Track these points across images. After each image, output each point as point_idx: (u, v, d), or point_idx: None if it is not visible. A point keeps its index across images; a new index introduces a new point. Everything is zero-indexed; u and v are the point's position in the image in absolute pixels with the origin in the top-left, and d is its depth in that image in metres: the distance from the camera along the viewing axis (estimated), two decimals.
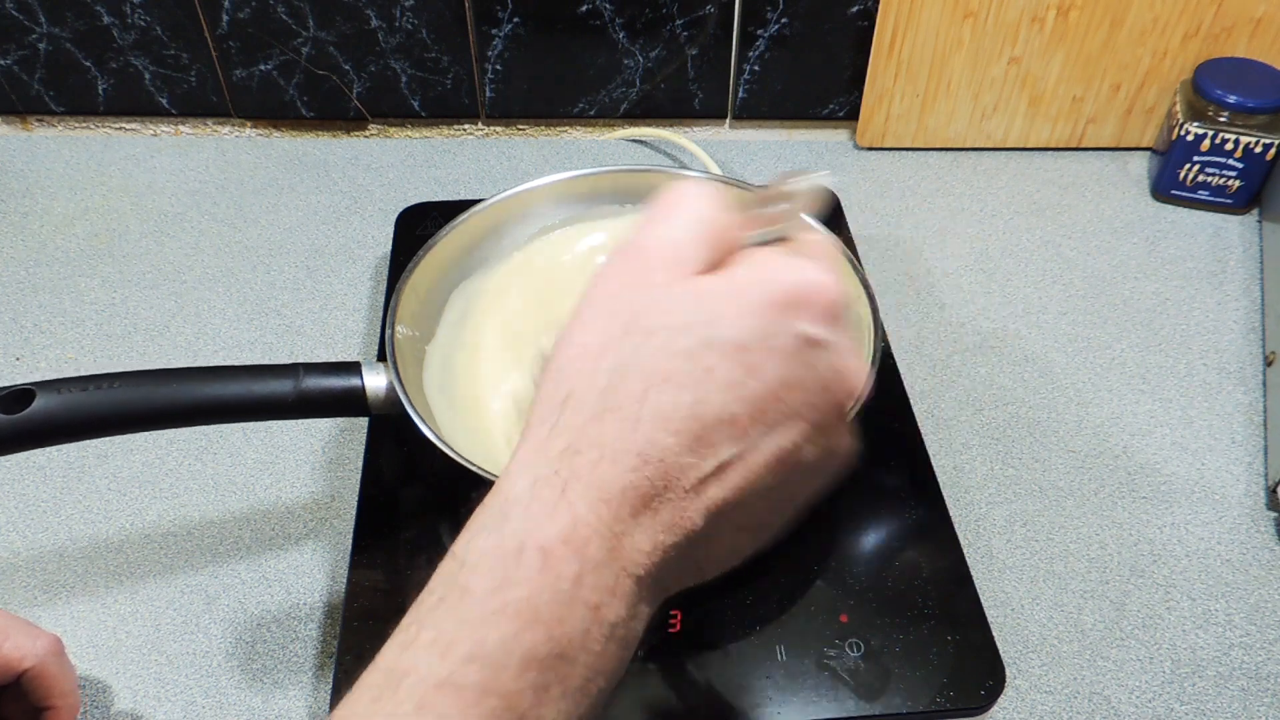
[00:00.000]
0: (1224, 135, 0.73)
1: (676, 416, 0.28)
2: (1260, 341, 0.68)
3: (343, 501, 0.57)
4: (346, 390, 0.47)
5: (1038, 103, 0.79)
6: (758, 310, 0.29)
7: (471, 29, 0.77)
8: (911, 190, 0.79)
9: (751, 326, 0.29)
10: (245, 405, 0.46)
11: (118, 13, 0.75)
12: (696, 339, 0.29)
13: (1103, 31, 0.75)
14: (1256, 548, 0.56)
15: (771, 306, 0.29)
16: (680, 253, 0.31)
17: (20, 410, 0.43)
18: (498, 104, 0.82)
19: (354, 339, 0.67)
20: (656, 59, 0.79)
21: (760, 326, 0.29)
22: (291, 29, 0.76)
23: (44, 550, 0.55)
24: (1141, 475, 0.60)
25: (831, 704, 0.46)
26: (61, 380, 0.44)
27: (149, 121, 0.83)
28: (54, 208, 0.76)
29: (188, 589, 0.53)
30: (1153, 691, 0.50)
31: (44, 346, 0.66)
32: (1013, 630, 0.52)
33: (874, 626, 0.49)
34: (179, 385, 0.45)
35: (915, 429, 0.58)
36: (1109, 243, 0.75)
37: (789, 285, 0.30)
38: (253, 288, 0.70)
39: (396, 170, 0.81)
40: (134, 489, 0.58)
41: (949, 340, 0.67)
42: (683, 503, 0.29)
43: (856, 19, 0.76)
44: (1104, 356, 0.67)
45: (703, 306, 0.30)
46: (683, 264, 0.31)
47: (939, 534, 0.53)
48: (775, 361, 0.29)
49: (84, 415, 0.44)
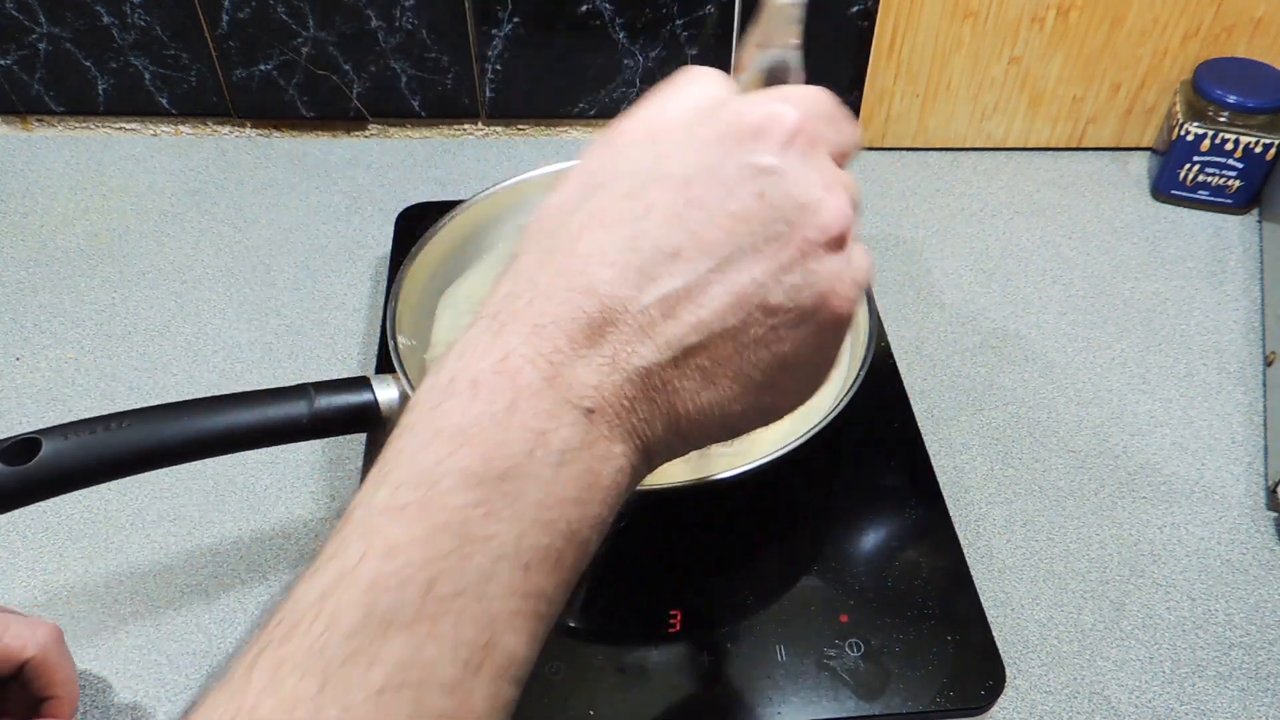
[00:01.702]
0: (1224, 135, 0.73)
1: (612, 249, 0.28)
2: (1260, 341, 0.68)
3: (343, 501, 0.57)
4: (360, 406, 0.47)
5: (1038, 103, 0.79)
6: (705, 145, 0.29)
7: (471, 29, 0.77)
8: (911, 190, 0.79)
9: (697, 161, 0.28)
10: (260, 432, 0.46)
11: (118, 13, 0.75)
12: (640, 180, 0.29)
13: (1103, 31, 0.75)
14: (1256, 548, 0.56)
15: (720, 139, 0.28)
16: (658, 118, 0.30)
17: (26, 460, 0.41)
18: (498, 104, 0.82)
19: (354, 339, 0.67)
20: (656, 59, 0.79)
21: (705, 160, 0.28)
22: (291, 29, 0.76)
23: (44, 550, 0.55)
24: (1141, 475, 0.60)
25: (831, 704, 0.46)
26: (67, 425, 0.42)
27: (149, 121, 0.83)
28: (54, 208, 0.76)
29: (188, 589, 0.53)
30: (1153, 691, 0.50)
31: (44, 346, 0.66)
32: (1013, 630, 0.52)
33: (874, 626, 0.49)
34: (190, 419, 0.44)
35: (915, 429, 0.58)
36: (1109, 243, 0.75)
37: (739, 117, 0.29)
38: (253, 288, 0.70)
39: (396, 170, 0.81)
40: (134, 489, 0.58)
41: (949, 340, 0.67)
42: (629, 337, 0.28)
43: (856, 19, 0.76)
44: (1104, 356, 0.67)
45: (651, 149, 0.29)
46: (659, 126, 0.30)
47: (939, 534, 0.53)
48: (720, 192, 0.28)
49: (94, 460, 0.42)
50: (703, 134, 0.29)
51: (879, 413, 0.59)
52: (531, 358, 0.27)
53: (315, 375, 0.50)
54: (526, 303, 0.28)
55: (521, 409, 0.26)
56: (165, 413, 0.44)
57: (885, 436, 0.58)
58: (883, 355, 0.62)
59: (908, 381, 0.62)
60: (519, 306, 0.28)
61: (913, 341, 0.67)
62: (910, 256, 0.74)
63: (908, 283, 0.71)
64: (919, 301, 0.70)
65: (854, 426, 0.48)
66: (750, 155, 0.28)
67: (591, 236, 0.28)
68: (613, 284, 0.27)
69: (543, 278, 0.28)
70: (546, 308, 0.27)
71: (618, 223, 0.28)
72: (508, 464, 0.26)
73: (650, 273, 0.28)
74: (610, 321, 0.27)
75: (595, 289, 0.27)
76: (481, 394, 0.26)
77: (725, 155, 0.28)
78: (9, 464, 0.41)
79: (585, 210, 0.29)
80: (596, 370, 0.27)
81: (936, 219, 0.77)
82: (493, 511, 0.25)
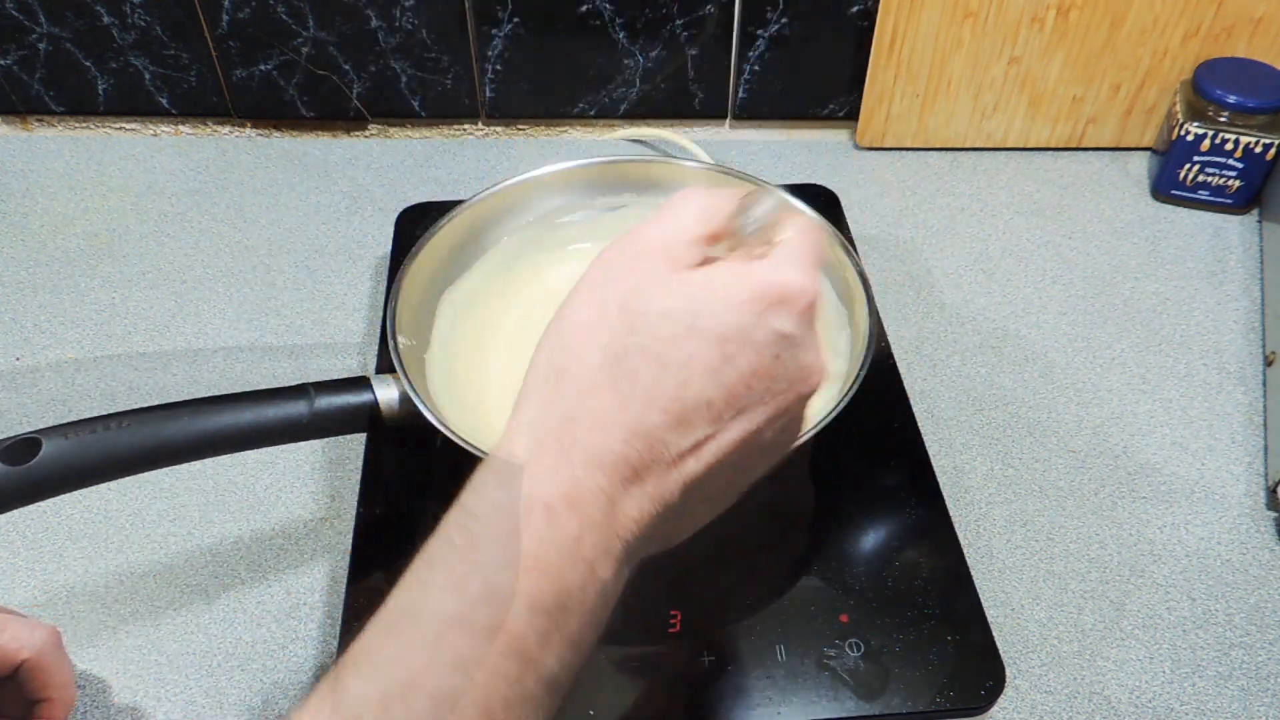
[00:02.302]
0: (1224, 135, 0.73)
1: (662, 397, 0.31)
2: (1260, 341, 0.68)
3: (343, 501, 0.57)
4: (360, 406, 0.47)
5: (1038, 103, 0.79)
6: (738, 305, 0.32)
7: (471, 29, 0.77)
8: (911, 190, 0.79)
9: (732, 320, 0.32)
10: (260, 432, 0.46)
11: (118, 13, 0.75)
12: (682, 327, 0.32)
13: (1103, 31, 0.75)
14: (1256, 548, 0.56)
15: (752, 302, 0.32)
16: (676, 247, 0.33)
17: (27, 460, 0.41)
18: (498, 104, 0.82)
19: (354, 339, 0.67)
20: (656, 59, 0.79)
21: (739, 320, 0.32)
22: (291, 29, 0.76)
23: (43, 551, 0.55)
24: (1141, 475, 0.60)
25: (831, 704, 0.46)
26: (67, 424, 0.42)
27: (149, 121, 0.83)
28: (54, 208, 0.76)
29: (188, 589, 0.53)
30: (1153, 691, 0.50)
31: (44, 346, 0.66)
32: (1013, 630, 0.52)
33: (874, 626, 0.49)
34: (190, 419, 0.44)
35: (915, 429, 0.58)
36: (1109, 243, 0.75)
37: (769, 284, 0.32)
38: (253, 288, 0.70)
39: (396, 170, 0.81)
40: (134, 489, 0.58)
41: (949, 340, 0.67)
42: (665, 476, 0.31)
43: (856, 19, 0.76)
44: (1104, 356, 0.67)
45: (690, 296, 0.32)
46: (677, 257, 0.33)
47: (939, 534, 0.53)
48: (750, 353, 0.32)
49: (94, 460, 0.42)
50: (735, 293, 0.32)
51: (879, 413, 0.59)
52: (595, 492, 0.30)
53: (315, 375, 0.50)
54: (587, 432, 0.31)
55: (585, 542, 0.30)
56: (165, 413, 0.44)
57: (885, 436, 0.58)
58: (883, 355, 0.62)
59: (908, 381, 0.62)
60: (579, 433, 0.31)
61: (913, 341, 0.67)
62: (910, 256, 0.74)
63: (908, 283, 0.71)
64: (919, 301, 0.70)
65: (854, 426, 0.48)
66: (776, 321, 0.32)
67: (645, 380, 0.31)
68: (662, 429, 0.31)
69: (600, 410, 0.31)
70: (607, 442, 0.31)
71: (664, 368, 0.31)
72: (566, 596, 0.29)
73: (688, 420, 0.31)
74: (654, 460, 0.31)
75: (649, 433, 0.31)
76: (555, 522, 0.29)
77: (756, 319, 0.32)
78: (9, 464, 0.41)
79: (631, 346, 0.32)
80: (638, 504, 0.31)
81: (936, 219, 0.77)
82: (547, 637, 0.29)
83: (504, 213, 0.60)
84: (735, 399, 0.32)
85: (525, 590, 0.28)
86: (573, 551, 0.29)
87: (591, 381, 0.32)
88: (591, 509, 0.30)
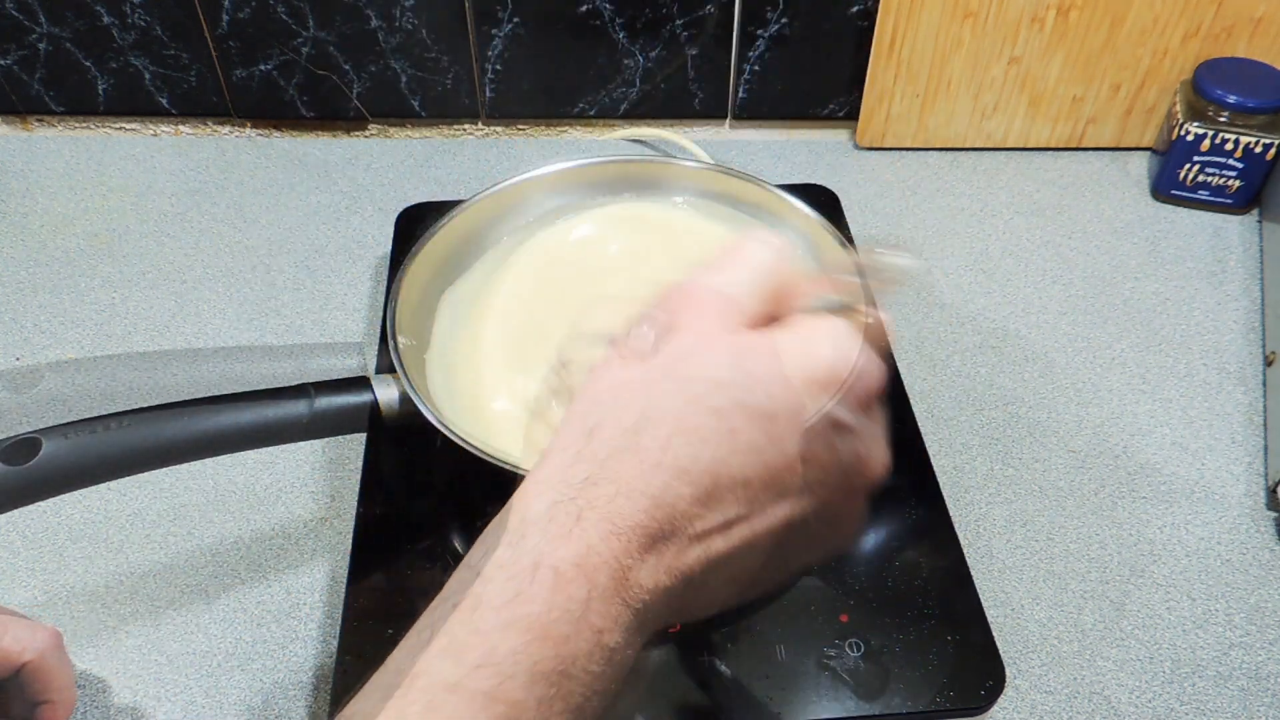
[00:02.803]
0: (1224, 135, 0.73)
1: (694, 469, 0.29)
2: (1260, 341, 0.68)
3: (343, 501, 0.57)
4: (360, 406, 0.47)
5: (1038, 103, 0.79)
6: (793, 383, 0.30)
7: (471, 29, 0.77)
8: (911, 190, 0.79)
9: (784, 398, 0.30)
10: (260, 432, 0.46)
11: (118, 13, 0.75)
12: (728, 398, 0.30)
13: (1103, 31, 0.75)
14: (1256, 548, 0.56)
15: (808, 382, 0.30)
16: (731, 303, 0.31)
17: (27, 460, 0.41)
18: (498, 104, 0.82)
19: (354, 339, 0.67)
20: (656, 59, 0.79)
21: (792, 400, 0.30)
22: (291, 29, 0.76)
23: (43, 551, 0.55)
24: (1141, 475, 0.60)
25: (832, 704, 0.46)
26: (67, 424, 0.42)
27: (149, 121, 0.83)
28: (54, 208, 0.76)
29: (188, 589, 0.53)
30: (1153, 691, 0.50)
31: (44, 346, 0.66)
32: (1013, 630, 0.52)
33: (874, 626, 0.49)
34: (190, 419, 0.44)
35: (915, 429, 0.58)
36: (1109, 243, 0.75)
37: (829, 364, 0.30)
38: (253, 288, 0.70)
39: (396, 170, 0.81)
40: (133, 489, 0.58)
41: (949, 340, 0.67)
42: (684, 549, 0.30)
43: (856, 19, 0.76)
44: (1104, 356, 0.67)
45: (741, 365, 0.30)
46: (732, 315, 0.31)
47: (939, 534, 0.53)
48: (799, 436, 0.30)
49: (94, 460, 0.42)
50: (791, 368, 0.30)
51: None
52: (608, 559, 0.29)
53: (315, 375, 0.50)
54: (607, 498, 0.29)
55: (593, 609, 0.28)
56: (165, 413, 0.44)
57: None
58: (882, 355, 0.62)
59: (908, 381, 0.62)
60: (597, 498, 0.29)
61: (913, 341, 0.67)
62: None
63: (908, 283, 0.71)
64: (919, 301, 0.70)
65: None
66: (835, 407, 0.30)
67: (677, 449, 0.29)
68: (688, 502, 0.29)
69: (625, 475, 0.29)
70: (626, 510, 0.29)
71: (703, 442, 0.29)
72: (570, 663, 0.28)
73: (719, 496, 0.29)
74: (674, 532, 0.29)
75: (673, 505, 0.29)
76: (562, 587, 0.28)
77: (811, 400, 0.30)
78: (9, 464, 0.41)
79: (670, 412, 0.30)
80: (652, 575, 0.29)
81: (936, 219, 0.77)
82: (548, 704, 0.27)
83: (504, 213, 0.60)
84: (776, 482, 0.30)
85: (527, 656, 0.27)
86: (578, 618, 0.28)
87: (620, 444, 0.30)
88: (601, 576, 0.28)
